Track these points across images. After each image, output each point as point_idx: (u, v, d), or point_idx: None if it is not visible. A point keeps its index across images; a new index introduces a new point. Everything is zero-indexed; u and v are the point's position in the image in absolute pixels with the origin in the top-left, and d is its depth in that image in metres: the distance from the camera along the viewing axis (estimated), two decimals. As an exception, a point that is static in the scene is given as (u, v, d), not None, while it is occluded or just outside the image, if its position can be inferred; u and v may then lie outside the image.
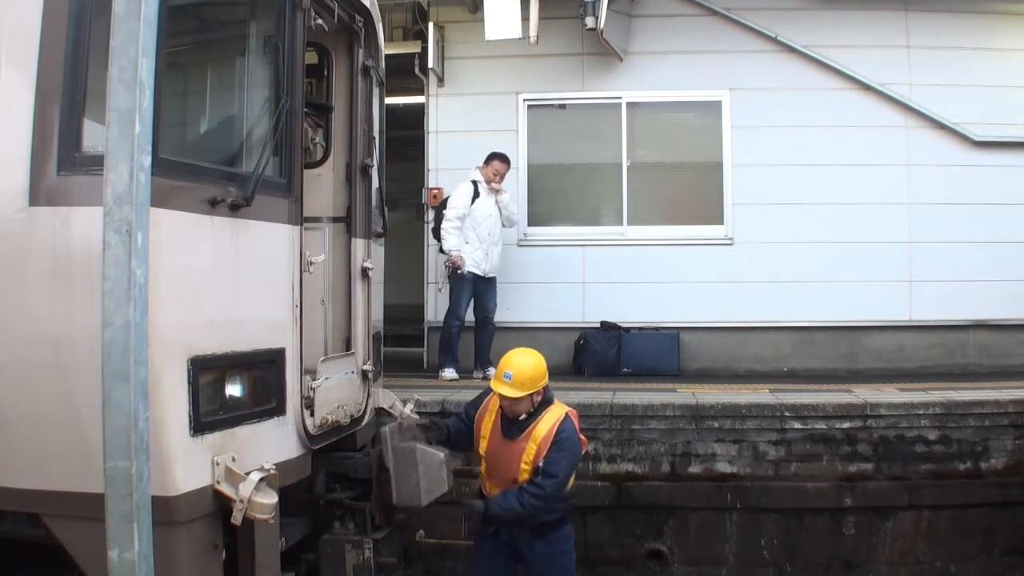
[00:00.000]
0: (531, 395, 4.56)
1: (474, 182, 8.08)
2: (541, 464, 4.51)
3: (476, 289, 8.11)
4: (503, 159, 8.11)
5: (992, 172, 8.68)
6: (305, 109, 4.58)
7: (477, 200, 8.03)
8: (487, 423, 4.72)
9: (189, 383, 3.38)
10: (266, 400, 3.86)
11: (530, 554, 4.69)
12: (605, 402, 6.48)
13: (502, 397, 4.54)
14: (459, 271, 7.97)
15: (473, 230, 8.02)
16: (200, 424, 3.43)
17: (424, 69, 9.00)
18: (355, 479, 4.68)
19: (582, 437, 4.70)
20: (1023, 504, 6.21)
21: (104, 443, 2.65)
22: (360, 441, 4.96)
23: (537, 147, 9.10)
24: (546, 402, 4.66)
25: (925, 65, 8.71)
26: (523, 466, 4.55)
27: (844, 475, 6.25)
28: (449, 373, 8.03)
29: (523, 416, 4.59)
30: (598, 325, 8.74)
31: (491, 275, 8.21)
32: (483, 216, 8.03)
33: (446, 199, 8.26)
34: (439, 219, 8.21)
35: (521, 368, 4.53)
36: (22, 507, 3.47)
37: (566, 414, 4.64)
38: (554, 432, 4.54)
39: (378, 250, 5.35)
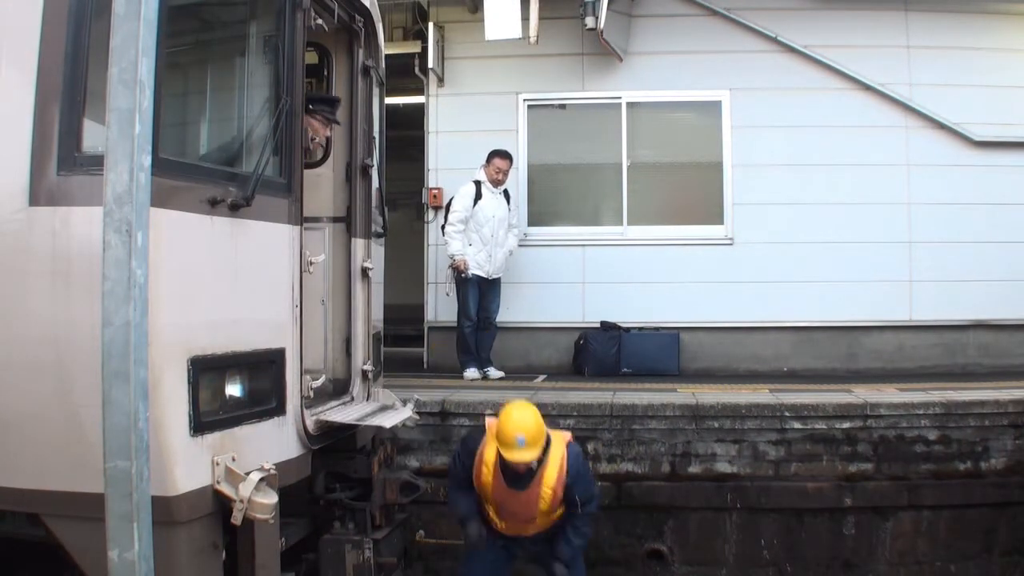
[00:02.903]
0: (543, 450, 4.52)
1: (476, 182, 8.06)
2: (577, 497, 4.58)
3: (480, 290, 8.11)
4: (504, 155, 8.07)
5: (992, 172, 8.68)
6: (311, 106, 4.58)
7: (480, 202, 8.00)
8: (486, 475, 4.62)
9: (189, 383, 3.37)
10: (266, 400, 3.86)
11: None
12: (605, 402, 6.48)
13: (522, 463, 4.43)
14: (463, 275, 7.96)
15: (476, 232, 8.00)
16: (200, 424, 3.42)
17: (424, 69, 9.00)
18: (355, 479, 4.67)
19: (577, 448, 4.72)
20: (1023, 504, 6.21)
21: (104, 443, 2.64)
22: (360, 441, 4.96)
23: (537, 147, 9.10)
24: (546, 445, 4.58)
25: (925, 65, 8.71)
26: (542, 507, 4.58)
27: (844, 475, 6.24)
28: (471, 373, 8.08)
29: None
30: (598, 325, 8.73)
31: (495, 276, 8.20)
32: (486, 218, 8.00)
33: (451, 201, 8.25)
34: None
35: (528, 427, 4.45)
36: (22, 507, 3.47)
37: (565, 446, 4.61)
38: (565, 472, 4.54)
39: (378, 250, 5.35)
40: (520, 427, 4.43)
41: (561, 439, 4.66)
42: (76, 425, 3.25)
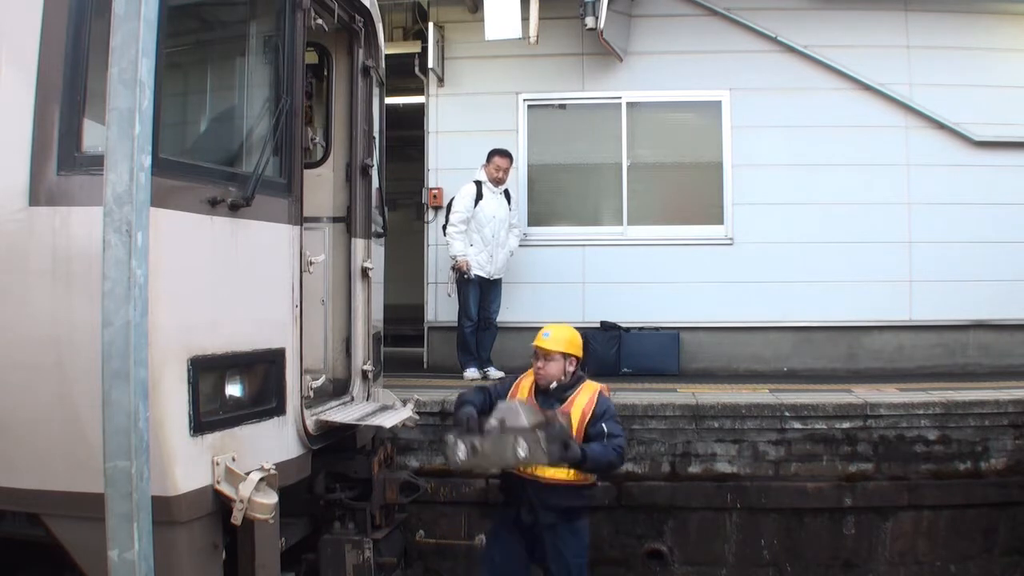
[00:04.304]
0: (565, 358, 4.72)
1: (477, 182, 8.05)
2: (604, 427, 4.60)
3: (481, 290, 8.10)
4: (503, 154, 8.07)
5: (992, 172, 8.68)
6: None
7: (480, 202, 7.99)
8: (520, 395, 4.81)
9: (189, 383, 3.37)
10: (266, 400, 3.86)
11: (552, 538, 4.73)
12: (605, 402, 6.47)
13: (539, 350, 4.71)
14: (466, 275, 7.95)
15: (477, 232, 7.98)
16: (200, 424, 3.42)
17: (424, 69, 9.00)
18: (355, 479, 4.67)
19: None
20: (1023, 504, 6.21)
21: (104, 443, 2.65)
22: (360, 441, 4.96)
23: (537, 147, 9.10)
24: (580, 377, 4.81)
25: (925, 65, 8.71)
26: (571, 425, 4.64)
27: (844, 475, 6.24)
28: (471, 373, 8.07)
29: (554, 384, 4.71)
30: (598, 325, 8.73)
31: (496, 277, 8.19)
32: (487, 218, 7.99)
33: (451, 201, 8.24)
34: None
35: (559, 330, 4.81)
36: (22, 507, 3.47)
37: (600, 390, 4.78)
38: (595, 402, 4.70)
39: (378, 250, 5.35)
40: (551, 327, 4.83)
41: (597, 385, 4.83)
42: (76, 425, 3.25)
